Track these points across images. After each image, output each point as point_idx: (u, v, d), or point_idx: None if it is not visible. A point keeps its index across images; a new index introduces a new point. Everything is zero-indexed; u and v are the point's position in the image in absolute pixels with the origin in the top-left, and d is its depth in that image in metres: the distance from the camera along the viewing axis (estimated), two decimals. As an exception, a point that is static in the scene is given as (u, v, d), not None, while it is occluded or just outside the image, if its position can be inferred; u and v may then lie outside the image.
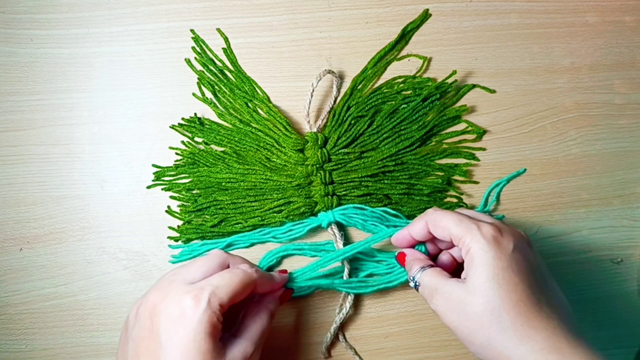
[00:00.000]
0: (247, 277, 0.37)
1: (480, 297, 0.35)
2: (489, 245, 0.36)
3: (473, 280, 0.35)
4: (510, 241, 0.36)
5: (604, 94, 0.51)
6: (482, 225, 0.37)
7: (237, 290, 0.36)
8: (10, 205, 0.47)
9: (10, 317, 0.47)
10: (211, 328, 0.34)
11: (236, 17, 0.49)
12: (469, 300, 0.35)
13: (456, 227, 0.38)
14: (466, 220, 0.38)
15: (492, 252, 0.36)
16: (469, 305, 0.35)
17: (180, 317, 0.34)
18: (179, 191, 0.48)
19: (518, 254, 0.36)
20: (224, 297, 0.35)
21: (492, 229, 0.37)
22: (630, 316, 0.49)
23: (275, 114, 0.48)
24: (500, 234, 0.37)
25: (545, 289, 0.36)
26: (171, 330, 0.34)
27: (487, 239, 0.36)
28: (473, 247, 0.36)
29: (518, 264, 0.36)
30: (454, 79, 0.49)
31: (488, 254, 0.35)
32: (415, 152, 0.49)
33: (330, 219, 0.46)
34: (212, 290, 0.35)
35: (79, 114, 0.48)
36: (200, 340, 0.34)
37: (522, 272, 0.35)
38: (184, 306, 0.34)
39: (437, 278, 0.38)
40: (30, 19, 0.48)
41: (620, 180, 0.50)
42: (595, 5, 0.51)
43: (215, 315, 0.34)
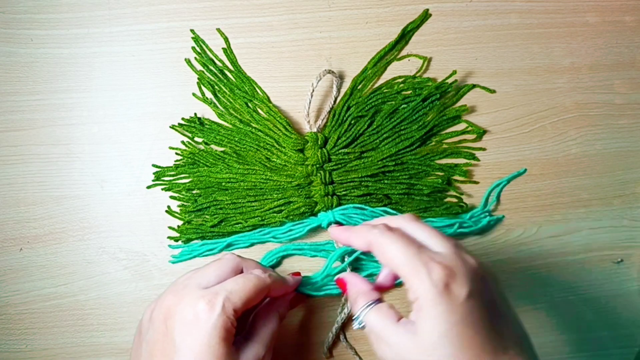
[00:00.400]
0: (261, 282, 0.37)
1: (431, 356, 0.31)
2: (440, 296, 0.31)
3: (424, 336, 0.32)
4: (463, 286, 0.32)
5: (604, 94, 0.51)
6: (432, 267, 0.32)
7: (251, 295, 0.36)
8: (10, 205, 0.47)
9: (10, 317, 0.47)
10: (225, 333, 0.34)
11: (236, 17, 0.49)
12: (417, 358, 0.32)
13: (403, 265, 0.33)
14: (416, 257, 0.33)
15: (443, 304, 0.31)
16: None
17: (194, 321, 0.34)
18: (179, 191, 0.48)
19: (472, 300, 0.32)
20: (237, 302, 0.35)
21: (443, 274, 0.32)
22: (630, 316, 0.49)
23: (275, 114, 0.48)
24: (453, 278, 0.32)
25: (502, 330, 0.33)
26: (185, 333, 0.34)
27: (437, 287, 0.31)
28: (422, 296, 0.32)
29: (473, 314, 0.32)
30: (454, 79, 0.49)
31: (439, 308, 0.31)
32: (415, 152, 0.49)
33: (330, 218, 0.46)
34: (226, 296, 0.35)
35: (79, 114, 0.48)
36: (214, 345, 0.34)
37: (476, 322, 0.32)
38: (199, 310, 0.34)
39: (383, 322, 0.34)
40: (30, 19, 0.48)
41: (620, 180, 0.50)
42: (595, 5, 0.51)
43: (230, 321, 0.34)
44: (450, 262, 0.33)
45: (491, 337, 0.32)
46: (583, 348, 0.49)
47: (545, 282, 0.49)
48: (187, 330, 0.34)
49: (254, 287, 0.36)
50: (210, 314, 0.34)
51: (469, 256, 0.34)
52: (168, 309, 0.35)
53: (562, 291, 0.49)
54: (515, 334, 0.33)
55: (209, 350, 0.34)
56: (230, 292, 0.35)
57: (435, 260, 0.33)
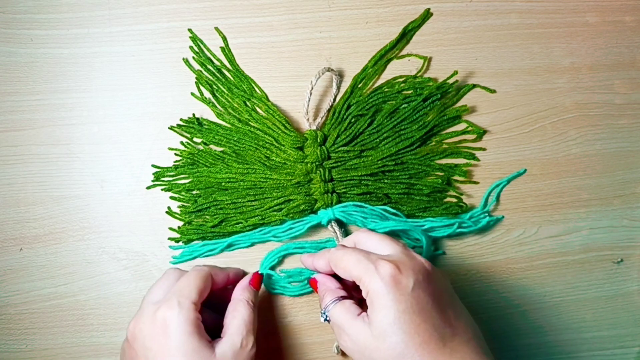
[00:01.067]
0: (201, 271, 0.40)
1: (383, 343, 0.34)
2: (388, 288, 0.34)
3: (376, 324, 0.34)
4: (410, 278, 0.35)
5: (604, 94, 0.51)
6: (380, 264, 0.36)
7: (198, 284, 0.39)
8: (10, 205, 0.47)
9: (10, 317, 0.47)
10: (191, 327, 0.36)
11: (236, 17, 0.49)
12: (374, 346, 0.34)
13: (354, 268, 0.37)
14: (365, 259, 0.36)
15: (391, 294, 0.34)
16: (374, 351, 0.35)
17: (161, 330, 0.36)
18: (179, 192, 0.48)
19: (419, 290, 0.35)
20: (191, 293, 0.38)
21: (390, 268, 0.35)
22: (630, 316, 0.49)
23: (274, 112, 0.48)
24: (399, 271, 0.35)
25: (450, 318, 0.36)
26: (153, 346, 0.35)
27: (384, 280, 0.35)
28: (371, 289, 0.35)
29: (419, 303, 0.34)
30: (455, 79, 0.49)
31: (387, 297, 0.34)
32: (415, 151, 0.49)
33: (330, 216, 0.46)
34: (179, 294, 0.37)
35: (79, 114, 0.48)
36: (184, 342, 0.35)
37: (423, 310, 0.34)
38: (161, 319, 0.36)
39: (344, 316, 0.37)
40: (30, 19, 0.48)
41: (620, 180, 0.50)
42: (595, 5, 0.51)
43: (191, 313, 0.36)
44: (397, 258, 0.36)
45: (438, 325, 0.35)
46: (583, 348, 0.49)
47: (545, 282, 0.49)
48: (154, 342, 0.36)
49: (197, 276, 0.39)
50: (172, 315, 0.36)
51: (417, 255, 0.38)
52: (132, 334, 0.37)
53: (562, 291, 0.49)
54: (462, 323, 0.36)
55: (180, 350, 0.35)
56: (180, 289, 0.38)
57: (383, 259, 0.36)
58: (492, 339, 0.48)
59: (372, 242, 0.39)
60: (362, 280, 0.36)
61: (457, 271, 0.48)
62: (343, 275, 0.38)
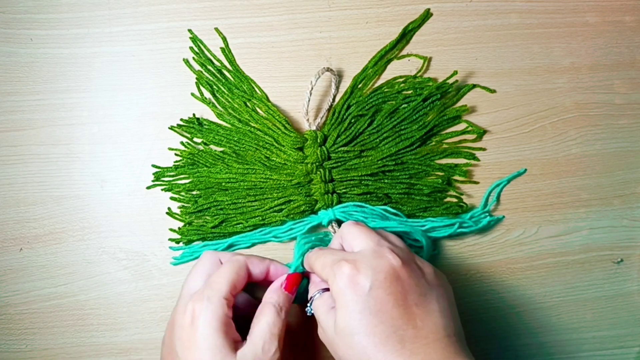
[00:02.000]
0: (236, 262, 0.40)
1: (343, 342, 0.35)
2: (345, 289, 0.35)
3: (337, 323, 0.35)
4: (367, 278, 0.35)
5: (604, 94, 0.51)
6: (340, 265, 0.36)
7: (232, 277, 0.38)
8: (10, 205, 0.47)
9: (10, 317, 0.47)
10: (219, 323, 0.36)
11: (236, 17, 0.49)
12: (337, 343, 0.35)
13: (322, 271, 0.38)
14: (329, 260, 0.37)
15: (348, 295, 0.35)
16: (338, 349, 0.35)
17: (190, 322, 0.36)
18: (179, 192, 0.48)
19: (378, 290, 0.35)
20: (222, 288, 0.37)
21: (348, 269, 0.35)
22: (630, 316, 0.49)
23: (274, 113, 0.48)
24: (357, 271, 0.35)
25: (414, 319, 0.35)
26: (182, 336, 0.36)
27: (342, 281, 0.35)
28: (333, 289, 0.36)
29: (378, 303, 0.34)
30: (455, 79, 0.49)
31: (345, 298, 0.35)
32: (415, 152, 0.49)
33: (330, 216, 0.46)
34: (209, 288, 0.37)
35: (79, 114, 0.48)
36: (210, 337, 0.36)
37: (381, 311, 0.34)
38: (191, 312, 0.37)
39: (321, 309, 0.38)
40: (30, 19, 0.48)
41: (620, 180, 0.50)
42: (595, 5, 0.51)
43: (220, 309, 0.37)
44: (360, 257, 0.37)
45: (398, 326, 0.34)
46: (583, 348, 0.49)
47: (545, 282, 0.49)
48: (184, 332, 0.36)
49: (231, 269, 0.39)
50: (201, 310, 0.36)
51: (389, 252, 0.37)
52: (171, 323, 0.38)
53: (562, 291, 0.49)
54: (430, 323, 0.35)
55: (205, 345, 0.35)
56: (212, 283, 0.38)
57: (345, 259, 0.37)
58: (492, 339, 0.48)
59: (350, 236, 0.40)
60: (328, 281, 0.37)
61: (457, 271, 0.48)
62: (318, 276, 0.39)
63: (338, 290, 0.35)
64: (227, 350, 0.36)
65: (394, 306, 0.35)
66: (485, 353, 0.48)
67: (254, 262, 0.41)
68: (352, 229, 0.40)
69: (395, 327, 0.34)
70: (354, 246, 0.39)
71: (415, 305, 0.35)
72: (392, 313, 0.34)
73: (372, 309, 0.34)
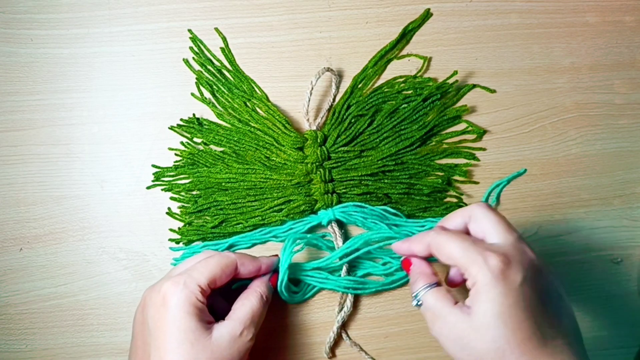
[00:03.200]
0: (224, 258, 0.40)
1: (484, 335, 0.34)
2: (496, 281, 0.34)
3: (478, 316, 0.34)
4: (518, 272, 0.34)
5: (604, 94, 0.51)
6: (488, 256, 0.35)
7: (214, 271, 0.39)
8: (10, 205, 0.47)
9: (10, 317, 0.47)
10: (191, 307, 0.36)
11: (236, 17, 0.49)
12: (473, 337, 0.34)
13: (461, 257, 0.36)
14: (472, 248, 0.35)
15: (498, 288, 0.34)
16: (473, 342, 0.34)
17: (162, 302, 0.37)
18: (179, 192, 0.48)
19: (526, 287, 0.34)
20: (200, 277, 0.38)
21: (499, 261, 0.34)
22: (630, 316, 0.49)
23: (274, 113, 0.48)
24: (508, 265, 0.34)
25: (552, 318, 0.35)
26: (156, 316, 0.37)
27: (494, 273, 0.34)
28: (479, 280, 0.34)
29: (525, 299, 0.34)
30: (455, 79, 0.49)
31: (494, 291, 0.34)
32: (415, 152, 0.49)
33: (330, 216, 0.46)
34: (189, 274, 0.38)
35: (79, 114, 0.48)
36: (180, 319, 0.36)
37: (529, 307, 0.34)
38: (164, 292, 0.37)
39: (441, 302, 0.36)
40: (30, 19, 0.48)
41: (620, 180, 0.50)
42: (595, 5, 0.51)
43: (194, 295, 0.37)
44: (507, 251, 0.35)
45: (540, 324, 0.34)
46: (583, 348, 0.49)
47: (545, 282, 0.49)
48: (157, 312, 0.37)
49: (216, 263, 0.39)
50: (174, 292, 0.37)
51: (528, 248, 0.36)
52: (144, 300, 0.39)
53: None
54: (565, 326, 0.35)
55: (177, 325, 0.36)
56: (193, 270, 0.38)
57: (491, 250, 0.35)
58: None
59: (486, 224, 0.37)
60: (468, 270, 0.35)
61: (457, 271, 0.48)
62: (445, 261, 0.37)
63: (486, 282, 0.34)
64: (200, 332, 0.36)
65: (538, 304, 0.34)
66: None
67: (245, 262, 0.41)
68: (490, 215, 0.38)
69: (539, 324, 0.34)
70: (490, 234, 0.37)
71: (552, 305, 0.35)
72: (537, 310, 0.34)
73: (521, 305, 0.34)
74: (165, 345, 0.35)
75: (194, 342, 0.36)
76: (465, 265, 0.35)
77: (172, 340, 0.35)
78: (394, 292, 0.48)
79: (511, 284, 0.34)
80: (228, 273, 0.40)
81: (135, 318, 0.39)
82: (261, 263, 0.42)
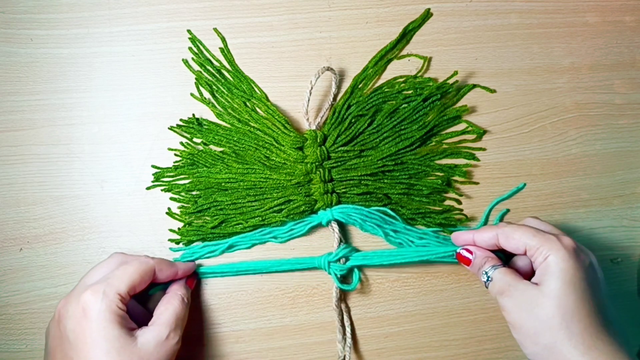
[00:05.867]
0: (143, 264, 0.40)
1: (554, 300, 0.36)
2: (569, 254, 0.37)
3: (549, 283, 0.37)
4: (587, 257, 0.38)
5: (604, 94, 0.51)
6: (562, 236, 0.39)
7: (134, 278, 0.39)
8: (10, 205, 0.47)
9: (10, 317, 0.47)
10: (112, 315, 0.36)
11: (236, 17, 0.49)
12: (542, 302, 0.36)
13: (533, 238, 0.39)
14: (542, 233, 0.39)
15: (571, 261, 0.37)
16: (540, 307, 0.36)
17: (82, 313, 0.36)
18: (179, 192, 0.48)
19: (593, 271, 0.38)
20: (120, 285, 0.38)
21: (572, 242, 0.38)
22: (630, 316, 0.49)
23: (273, 112, 0.48)
24: (579, 248, 0.38)
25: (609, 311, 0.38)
26: (76, 328, 0.36)
27: (567, 249, 0.37)
28: (552, 255, 0.37)
29: (593, 280, 0.37)
30: (455, 79, 0.49)
31: (567, 262, 0.37)
32: (415, 152, 0.49)
33: (329, 217, 0.46)
34: (107, 283, 0.38)
35: (79, 114, 0.48)
36: (104, 328, 0.36)
37: (594, 288, 0.37)
38: (83, 302, 0.37)
39: (510, 276, 0.39)
40: (30, 19, 0.48)
41: (620, 180, 0.50)
42: (595, 5, 0.51)
43: (114, 303, 0.37)
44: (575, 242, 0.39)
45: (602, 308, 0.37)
46: (583, 348, 0.49)
47: (545, 282, 0.49)
48: (78, 324, 0.36)
49: (135, 270, 0.39)
50: (95, 301, 0.36)
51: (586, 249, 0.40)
52: (59, 313, 0.38)
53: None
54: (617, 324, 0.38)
55: (100, 334, 0.36)
56: (111, 278, 0.38)
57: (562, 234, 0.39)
58: (495, 339, 0.48)
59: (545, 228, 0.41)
60: (540, 249, 0.38)
61: (457, 271, 0.48)
62: (514, 246, 0.40)
63: (561, 256, 0.37)
64: (125, 339, 0.36)
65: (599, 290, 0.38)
66: (489, 353, 0.48)
67: (163, 268, 0.42)
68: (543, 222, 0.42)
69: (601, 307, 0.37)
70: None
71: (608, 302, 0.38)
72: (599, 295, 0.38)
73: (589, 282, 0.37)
74: (91, 356, 0.35)
75: (120, 350, 0.35)
76: (537, 245, 0.38)
77: (98, 351, 0.35)
78: (394, 292, 0.48)
79: (582, 262, 0.37)
80: (146, 279, 0.40)
81: (50, 333, 0.38)
82: (178, 268, 0.43)
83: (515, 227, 0.40)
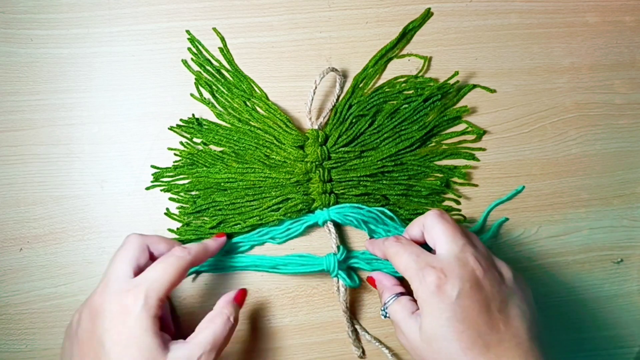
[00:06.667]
0: (181, 261, 0.39)
1: (430, 346, 0.36)
2: (432, 297, 0.36)
3: (423, 328, 0.37)
4: (455, 287, 0.36)
5: (604, 94, 0.51)
6: (426, 272, 0.37)
7: (174, 278, 0.38)
8: (10, 205, 0.47)
9: (10, 317, 0.47)
10: (150, 323, 0.35)
11: (236, 17, 0.49)
12: (422, 347, 0.37)
13: (405, 271, 0.39)
14: (414, 264, 0.38)
15: (434, 304, 0.36)
16: (422, 352, 0.37)
17: (119, 315, 0.35)
18: (178, 192, 0.48)
19: (464, 299, 0.36)
20: (161, 289, 0.37)
21: (435, 277, 0.36)
22: (630, 316, 0.49)
23: (274, 111, 0.48)
24: (444, 280, 0.36)
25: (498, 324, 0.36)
26: (112, 329, 0.35)
27: (430, 289, 0.36)
28: (418, 295, 0.37)
29: (463, 311, 0.36)
30: (456, 79, 0.49)
31: (432, 306, 0.36)
32: (415, 152, 0.49)
33: (325, 217, 0.46)
34: (149, 286, 0.36)
35: (79, 114, 0.48)
36: (139, 336, 0.35)
37: (467, 318, 0.36)
38: (123, 305, 0.36)
39: (400, 314, 0.40)
40: (30, 19, 0.48)
41: (620, 180, 0.50)
42: (595, 5, 0.51)
43: (154, 309, 0.36)
44: (446, 265, 0.37)
45: (483, 331, 0.36)
46: (583, 348, 0.49)
47: (545, 282, 0.49)
48: (113, 325, 0.35)
49: (174, 270, 0.38)
50: (135, 306, 0.35)
51: (472, 257, 0.38)
52: (95, 309, 0.36)
53: (562, 291, 0.49)
54: (513, 327, 0.36)
55: (134, 341, 0.35)
56: (152, 281, 0.37)
57: (431, 265, 0.37)
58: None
59: (435, 233, 0.40)
60: (411, 283, 0.38)
61: (457, 271, 0.48)
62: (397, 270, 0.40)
63: (425, 298, 0.37)
64: (159, 351, 0.35)
65: (479, 313, 0.36)
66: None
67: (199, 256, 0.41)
68: (439, 224, 0.40)
69: (481, 332, 0.35)
70: (437, 243, 0.39)
71: (498, 311, 0.37)
72: (477, 320, 0.36)
73: (459, 317, 0.36)
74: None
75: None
76: (409, 279, 0.38)
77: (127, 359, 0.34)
78: (394, 292, 0.48)
79: (448, 298, 0.36)
80: (185, 274, 0.39)
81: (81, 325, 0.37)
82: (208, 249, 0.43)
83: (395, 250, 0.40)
